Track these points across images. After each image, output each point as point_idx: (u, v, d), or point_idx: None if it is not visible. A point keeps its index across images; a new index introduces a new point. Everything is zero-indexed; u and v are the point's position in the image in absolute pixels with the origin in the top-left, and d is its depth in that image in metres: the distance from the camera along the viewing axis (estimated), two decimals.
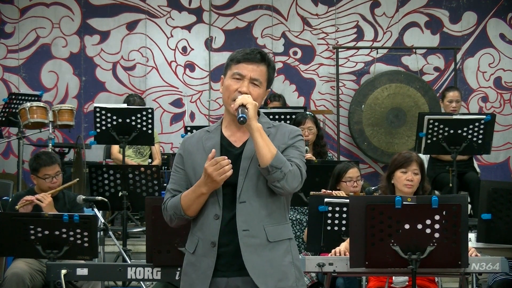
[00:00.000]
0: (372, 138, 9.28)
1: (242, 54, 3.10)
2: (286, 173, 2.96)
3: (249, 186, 3.02)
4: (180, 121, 9.39)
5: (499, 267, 4.23)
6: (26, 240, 4.77)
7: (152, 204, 4.15)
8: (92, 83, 9.33)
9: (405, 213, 3.97)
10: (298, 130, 3.17)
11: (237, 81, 3.08)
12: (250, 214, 3.01)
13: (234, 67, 3.10)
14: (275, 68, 3.21)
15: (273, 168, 2.95)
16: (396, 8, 9.57)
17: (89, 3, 9.35)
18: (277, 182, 2.97)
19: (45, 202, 5.30)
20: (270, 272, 3.01)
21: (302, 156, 3.11)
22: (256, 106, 3.02)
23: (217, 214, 3.03)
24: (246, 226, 3.00)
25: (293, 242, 3.12)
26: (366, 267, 4.06)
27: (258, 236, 3.01)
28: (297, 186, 3.03)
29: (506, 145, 9.56)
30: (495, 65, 9.59)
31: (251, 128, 2.99)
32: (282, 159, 2.98)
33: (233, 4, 9.50)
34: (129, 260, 5.47)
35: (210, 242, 3.02)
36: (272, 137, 3.06)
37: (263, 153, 2.96)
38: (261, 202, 3.02)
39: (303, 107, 7.93)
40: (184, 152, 3.16)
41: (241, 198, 3.01)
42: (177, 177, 3.16)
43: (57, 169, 5.54)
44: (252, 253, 3.00)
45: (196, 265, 3.07)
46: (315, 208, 5.09)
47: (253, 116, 2.98)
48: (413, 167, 4.72)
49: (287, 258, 3.06)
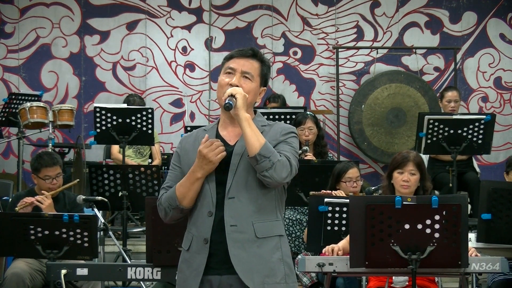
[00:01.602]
0: (372, 138, 9.27)
1: (235, 51, 3.14)
2: (274, 163, 2.94)
3: (238, 182, 3.01)
4: (180, 121, 9.39)
5: (499, 267, 4.23)
6: (26, 240, 4.78)
7: (152, 204, 4.14)
8: (92, 83, 9.33)
9: (405, 213, 3.97)
10: (292, 128, 3.15)
11: (228, 75, 3.10)
12: (238, 210, 3.00)
13: (226, 64, 3.13)
14: (270, 66, 3.20)
15: (261, 157, 2.93)
16: (396, 8, 9.56)
17: (89, 3, 9.35)
18: (265, 171, 2.95)
19: (45, 204, 5.29)
20: (257, 268, 2.99)
21: (293, 151, 3.08)
22: (245, 97, 3.01)
23: (211, 211, 3.03)
24: (234, 222, 2.99)
25: (283, 239, 3.09)
26: (366, 267, 4.06)
27: (246, 231, 2.99)
28: (286, 177, 2.99)
29: (506, 145, 9.56)
30: (495, 65, 9.58)
31: (239, 118, 2.99)
32: (270, 148, 2.97)
33: (233, 4, 9.50)
34: (129, 260, 5.47)
35: (203, 238, 3.02)
36: (265, 134, 3.05)
37: (251, 142, 2.95)
38: (250, 197, 3.01)
39: (303, 107, 7.91)
40: (181, 151, 3.17)
41: (230, 194, 3.01)
42: (174, 174, 3.17)
43: (58, 171, 5.53)
44: (239, 248, 2.98)
45: (189, 262, 3.08)
46: (315, 208, 5.09)
47: (241, 106, 2.98)
48: (410, 168, 4.69)
49: (276, 255, 3.03)
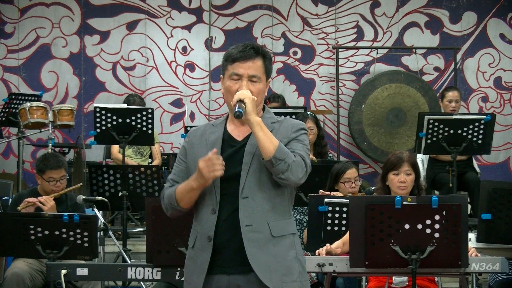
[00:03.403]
0: (372, 138, 9.27)
1: (236, 53, 3.08)
2: (290, 164, 2.95)
3: (252, 181, 3.01)
4: (180, 121, 9.39)
5: (499, 267, 4.23)
6: (26, 240, 4.77)
7: (152, 204, 4.15)
8: (92, 83, 9.33)
9: (405, 213, 3.97)
10: (302, 124, 3.16)
11: (235, 81, 3.08)
12: (253, 209, 3.00)
13: (230, 67, 3.10)
14: (271, 58, 3.18)
15: (276, 160, 2.93)
16: (396, 8, 9.56)
17: (89, 3, 9.35)
18: (281, 174, 2.95)
19: (47, 206, 5.28)
20: (275, 267, 3.00)
21: (305, 148, 3.09)
22: (254, 101, 3.01)
23: (214, 208, 3.03)
24: (249, 221, 2.99)
25: (296, 237, 3.11)
26: (366, 267, 4.05)
27: (261, 231, 3.00)
28: (302, 177, 3.00)
29: (506, 145, 9.56)
30: (495, 65, 9.58)
31: (250, 122, 2.99)
32: (285, 150, 2.97)
33: (233, 4, 9.50)
34: (129, 260, 5.47)
35: (206, 236, 3.02)
36: (275, 132, 3.06)
37: (265, 145, 2.95)
38: (264, 196, 3.02)
39: (303, 107, 7.92)
40: (188, 145, 3.17)
41: (244, 194, 3.01)
42: (179, 168, 3.18)
43: (63, 173, 5.52)
44: (256, 248, 2.99)
45: (194, 259, 3.08)
46: (315, 208, 5.09)
47: (251, 110, 2.98)
48: (405, 168, 4.67)
49: (291, 253, 3.05)
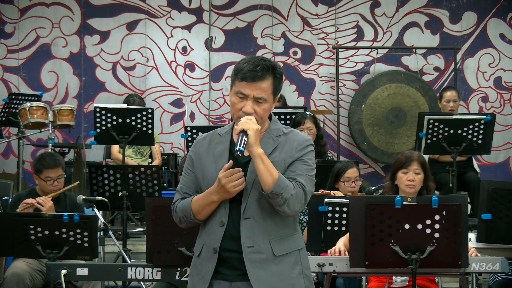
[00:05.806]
0: (372, 138, 9.27)
1: (245, 71, 3.01)
2: (287, 199, 2.95)
3: (254, 200, 3.01)
4: (180, 121, 9.39)
5: (499, 267, 4.23)
6: (26, 240, 4.77)
7: (152, 204, 4.15)
8: (92, 83, 9.33)
9: (405, 213, 3.97)
10: (308, 140, 3.11)
11: (241, 99, 3.03)
12: (255, 230, 3.00)
13: (238, 85, 3.04)
14: (282, 73, 3.11)
15: (273, 194, 2.94)
16: (396, 8, 9.56)
17: (89, 3, 9.35)
18: (278, 206, 2.97)
19: (46, 207, 5.29)
20: (277, 286, 2.99)
21: (310, 170, 3.06)
22: (257, 131, 2.96)
23: (223, 221, 3.03)
24: (251, 243, 2.99)
25: (303, 252, 3.09)
26: (366, 267, 4.05)
27: (263, 251, 3.00)
28: (298, 209, 3.01)
29: (506, 145, 9.56)
30: (495, 65, 9.58)
31: (252, 155, 2.97)
32: (283, 184, 2.95)
33: (233, 4, 9.50)
34: (129, 260, 5.48)
35: (212, 248, 3.03)
36: (280, 149, 3.04)
37: (264, 178, 2.95)
38: (265, 216, 3.01)
39: (303, 107, 7.92)
40: (194, 155, 3.16)
41: (246, 214, 3.00)
42: (187, 178, 3.17)
43: (60, 173, 5.52)
44: (258, 268, 2.99)
45: (198, 269, 3.09)
46: (315, 208, 5.09)
47: (253, 143, 2.95)
48: (414, 167, 4.70)
49: (295, 270, 3.04)
